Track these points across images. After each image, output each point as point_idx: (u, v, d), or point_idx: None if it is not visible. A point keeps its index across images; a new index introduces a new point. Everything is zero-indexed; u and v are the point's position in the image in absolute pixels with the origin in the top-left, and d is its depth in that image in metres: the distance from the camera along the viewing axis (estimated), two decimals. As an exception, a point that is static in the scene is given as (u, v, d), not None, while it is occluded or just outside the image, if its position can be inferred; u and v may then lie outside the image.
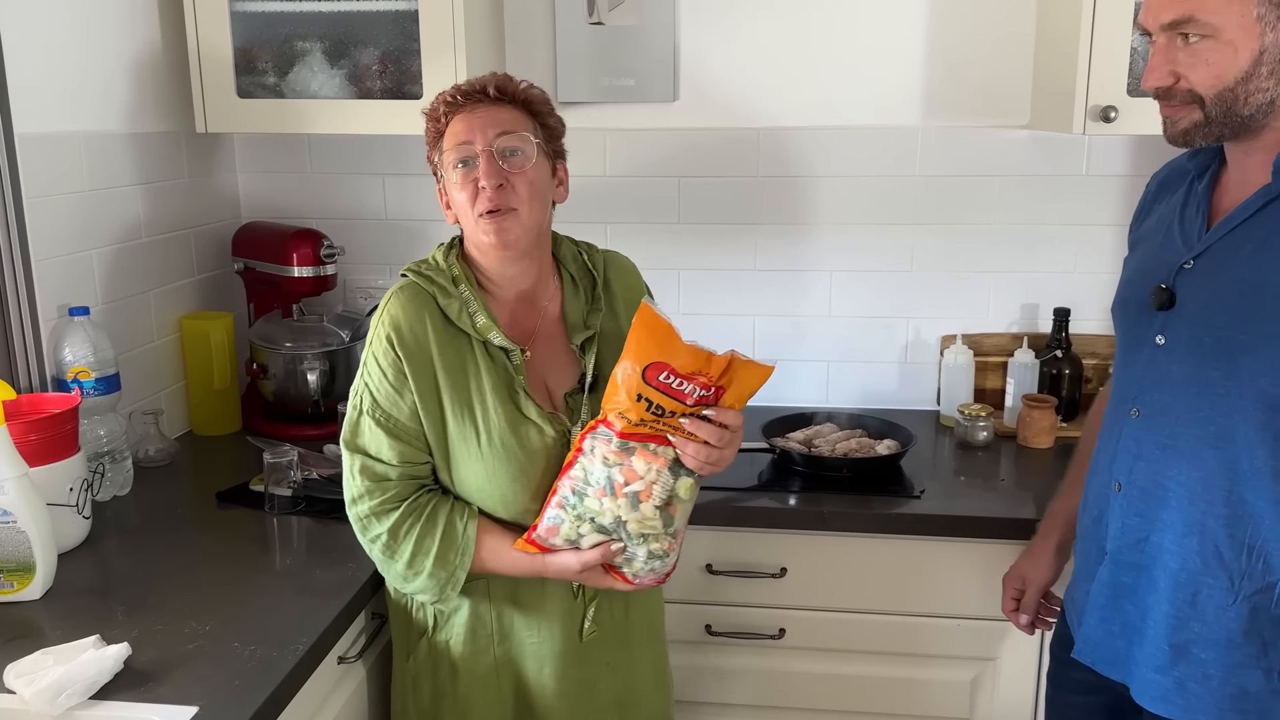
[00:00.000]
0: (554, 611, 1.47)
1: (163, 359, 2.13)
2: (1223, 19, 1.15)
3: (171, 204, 2.15)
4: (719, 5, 2.22)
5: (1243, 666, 1.23)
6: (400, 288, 1.45)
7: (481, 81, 1.43)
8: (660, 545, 1.37)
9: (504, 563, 1.41)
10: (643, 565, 1.38)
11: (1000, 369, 2.28)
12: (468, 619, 1.47)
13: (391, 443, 1.40)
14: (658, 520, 1.34)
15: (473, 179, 1.39)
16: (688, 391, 1.30)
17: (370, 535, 1.42)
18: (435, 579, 1.40)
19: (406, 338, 1.40)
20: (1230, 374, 1.20)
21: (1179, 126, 1.24)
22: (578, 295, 1.52)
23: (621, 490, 1.32)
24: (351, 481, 1.42)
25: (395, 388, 1.40)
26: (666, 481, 1.33)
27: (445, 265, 1.46)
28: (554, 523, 1.36)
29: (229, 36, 2.01)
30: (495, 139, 1.39)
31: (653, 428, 1.31)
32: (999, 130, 2.21)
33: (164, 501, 1.84)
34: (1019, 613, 1.63)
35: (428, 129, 1.46)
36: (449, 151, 1.41)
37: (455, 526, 1.40)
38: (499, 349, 1.43)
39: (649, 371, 1.30)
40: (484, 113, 1.41)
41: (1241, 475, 1.21)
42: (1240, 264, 1.21)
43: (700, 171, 2.30)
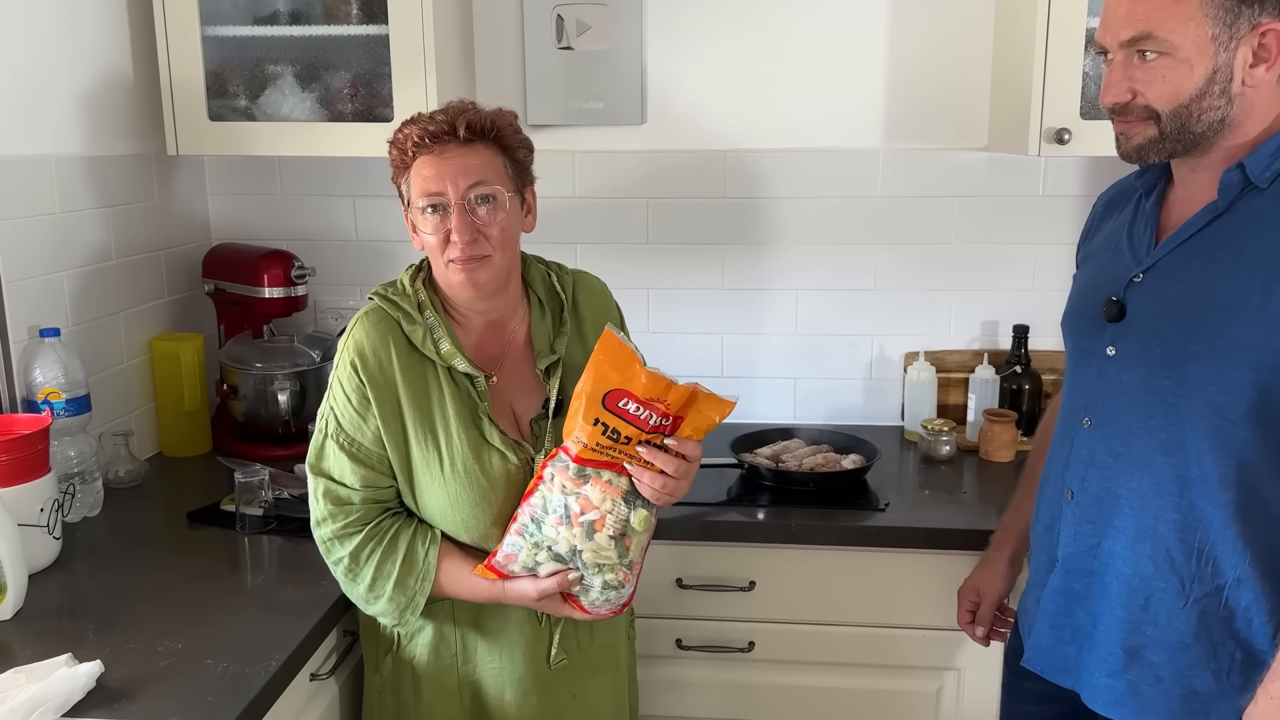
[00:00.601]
0: (516, 637, 1.48)
1: (133, 380, 2.14)
2: (1179, 37, 1.19)
3: (142, 226, 2.15)
4: (685, 31, 2.27)
5: (1193, 668, 1.27)
6: (366, 312, 1.46)
7: (450, 119, 1.39)
8: (615, 576, 1.38)
9: (464, 589, 1.43)
10: (598, 595, 1.39)
11: (962, 385, 2.33)
12: (431, 638, 1.48)
13: (354, 467, 1.41)
14: (612, 551, 1.36)
15: (445, 229, 1.39)
16: (644, 417, 1.31)
17: (333, 558, 1.44)
18: (395, 603, 1.42)
19: (370, 363, 1.41)
20: (1180, 383, 1.24)
21: (1134, 142, 1.28)
22: (545, 319, 1.52)
23: (577, 519, 1.33)
24: (315, 504, 1.44)
25: (359, 412, 1.41)
26: (621, 513, 1.33)
27: (412, 290, 1.46)
28: (512, 550, 1.38)
29: (200, 60, 2.03)
30: (468, 191, 1.38)
31: (609, 454, 1.32)
32: (958, 152, 2.27)
33: (134, 522, 1.84)
34: (974, 625, 1.66)
35: (393, 156, 1.44)
36: (417, 195, 1.40)
37: (416, 552, 1.41)
38: (464, 375, 1.44)
39: (609, 398, 1.31)
40: (454, 158, 1.38)
41: (1191, 481, 1.25)
42: (1189, 277, 1.26)
43: (668, 193, 2.34)
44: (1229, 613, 1.25)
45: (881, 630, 1.89)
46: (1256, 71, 1.20)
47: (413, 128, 1.40)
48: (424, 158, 1.39)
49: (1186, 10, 1.19)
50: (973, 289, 2.33)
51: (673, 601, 1.91)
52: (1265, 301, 1.18)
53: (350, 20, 2.05)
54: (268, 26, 2.08)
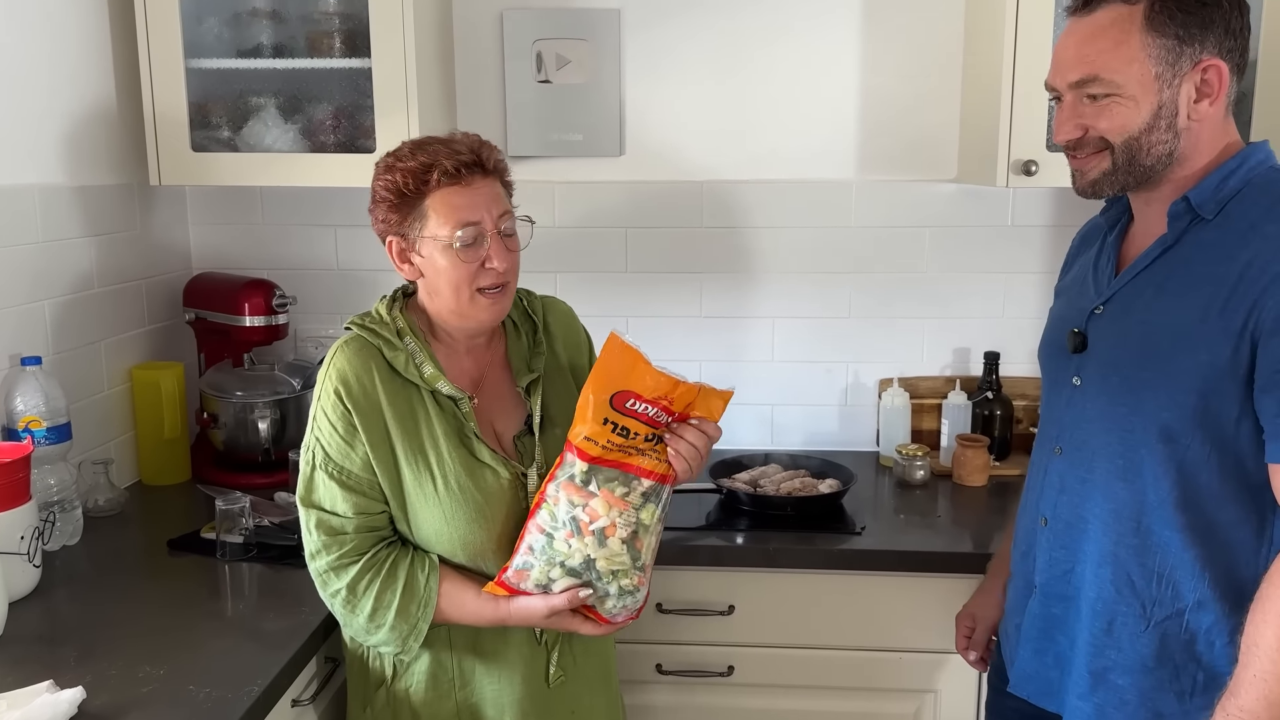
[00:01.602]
0: (515, 658, 1.48)
1: (113, 408, 2.14)
2: (1124, 77, 1.25)
3: (123, 255, 2.16)
4: (663, 65, 2.32)
5: (1157, 690, 1.30)
6: (345, 342, 1.46)
7: (472, 150, 1.41)
8: (630, 581, 1.40)
9: (467, 613, 1.43)
10: (615, 603, 1.41)
11: (935, 410, 2.37)
12: (429, 666, 1.47)
13: (345, 495, 1.41)
14: (625, 555, 1.38)
15: (478, 258, 1.40)
16: (653, 415, 1.36)
17: (330, 591, 1.42)
18: (397, 631, 1.41)
19: (354, 390, 1.42)
20: (1135, 410, 1.28)
21: (1089, 177, 1.33)
22: (520, 340, 1.56)
23: (588, 529, 1.36)
24: (309, 537, 1.43)
25: (346, 440, 1.42)
26: (630, 515, 1.37)
27: (389, 318, 1.47)
28: (524, 568, 1.39)
29: (184, 92, 2.05)
30: (500, 219, 1.42)
31: (619, 453, 1.36)
32: (929, 184, 2.33)
33: (114, 550, 1.84)
34: (969, 650, 1.68)
35: (395, 185, 1.39)
36: (449, 225, 1.38)
37: (416, 579, 1.41)
38: (447, 397, 1.45)
39: (616, 398, 1.36)
40: (483, 188, 1.41)
41: (1149, 506, 1.28)
42: (1142, 307, 1.30)
43: (646, 222, 2.37)
44: (1190, 635, 1.28)
45: (859, 653, 1.92)
46: (1200, 106, 1.25)
47: (434, 157, 1.38)
48: (452, 188, 1.39)
49: (1129, 52, 1.24)
50: (944, 317, 2.38)
51: (652, 626, 1.93)
52: (1207, 328, 1.22)
53: (333, 53, 2.09)
54: (251, 59, 2.11)
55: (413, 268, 1.45)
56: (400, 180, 1.39)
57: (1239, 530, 1.25)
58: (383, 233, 1.46)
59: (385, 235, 1.45)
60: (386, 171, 1.42)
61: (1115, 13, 1.25)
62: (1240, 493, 1.24)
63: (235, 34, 2.13)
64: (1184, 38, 1.23)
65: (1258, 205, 1.24)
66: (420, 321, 1.49)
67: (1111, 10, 1.25)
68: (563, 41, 2.30)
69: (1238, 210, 1.25)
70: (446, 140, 1.43)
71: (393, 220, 1.43)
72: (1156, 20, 1.23)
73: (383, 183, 1.42)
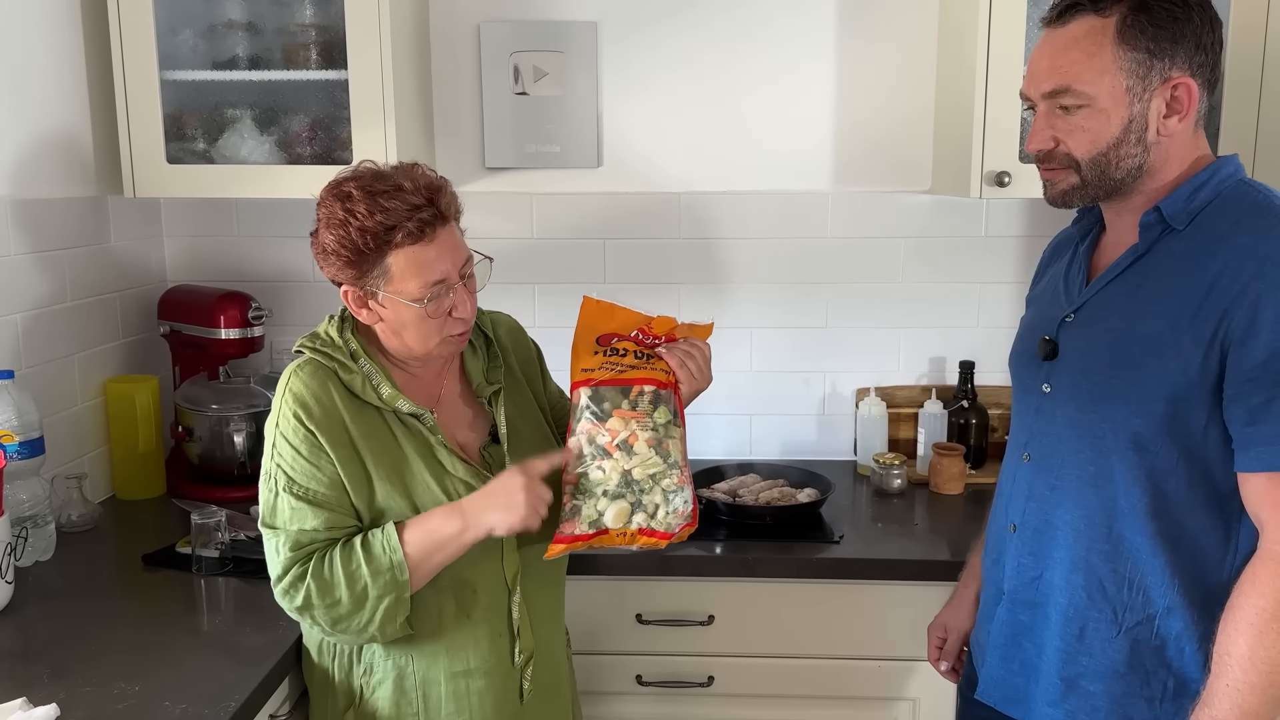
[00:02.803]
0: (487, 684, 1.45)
1: (86, 423, 2.12)
2: (1096, 89, 1.27)
3: (97, 268, 2.15)
4: (639, 77, 2.33)
5: (1127, 697, 1.31)
6: (299, 365, 1.43)
7: (429, 200, 1.36)
8: (672, 480, 1.42)
9: (427, 525, 1.37)
10: (665, 511, 1.42)
11: (912, 419, 2.38)
12: (391, 693, 1.45)
13: (315, 511, 1.37)
14: (656, 457, 1.41)
15: (446, 309, 1.39)
16: (638, 337, 1.48)
17: (300, 598, 1.36)
18: (380, 580, 1.34)
19: (315, 411, 1.39)
20: (1106, 417, 1.30)
21: (1058, 188, 1.35)
22: (476, 355, 1.56)
23: (613, 447, 1.40)
24: (276, 558, 1.38)
25: (311, 461, 1.38)
26: (645, 421, 1.42)
27: (341, 341, 1.44)
28: (573, 515, 1.41)
29: (158, 104, 2.04)
30: (462, 268, 1.41)
31: (616, 370, 1.44)
32: (903, 195, 2.35)
33: (88, 566, 1.82)
34: (941, 660, 1.69)
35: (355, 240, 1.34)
36: (415, 284, 1.35)
37: (371, 536, 1.37)
38: (409, 414, 1.44)
39: (600, 340, 1.48)
40: (445, 240, 1.38)
41: (1120, 512, 1.30)
42: (1113, 315, 1.32)
43: (624, 234, 2.38)
44: (1160, 641, 1.29)
45: (838, 661, 1.92)
46: (1170, 122, 1.28)
47: (394, 218, 1.33)
48: (413, 247, 1.35)
49: (1102, 64, 1.26)
50: (920, 326, 2.40)
51: (632, 637, 1.93)
52: (1177, 336, 1.24)
53: (309, 65, 2.08)
54: (226, 71, 2.10)
55: (371, 313, 1.42)
56: (358, 239, 1.34)
57: (1206, 537, 1.27)
58: (333, 279, 1.41)
59: (337, 280, 1.41)
60: (340, 227, 1.35)
61: (1089, 25, 1.27)
62: (1208, 500, 1.26)
63: (210, 46, 2.12)
64: (1155, 51, 1.25)
65: (1227, 217, 1.26)
66: (372, 341, 1.47)
67: (1085, 22, 1.27)
68: (540, 54, 2.30)
69: (1208, 222, 1.27)
70: (398, 186, 1.35)
71: (350, 273, 1.38)
72: (1129, 34, 1.25)
73: (335, 237, 1.36)
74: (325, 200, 1.39)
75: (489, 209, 2.36)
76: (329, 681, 1.48)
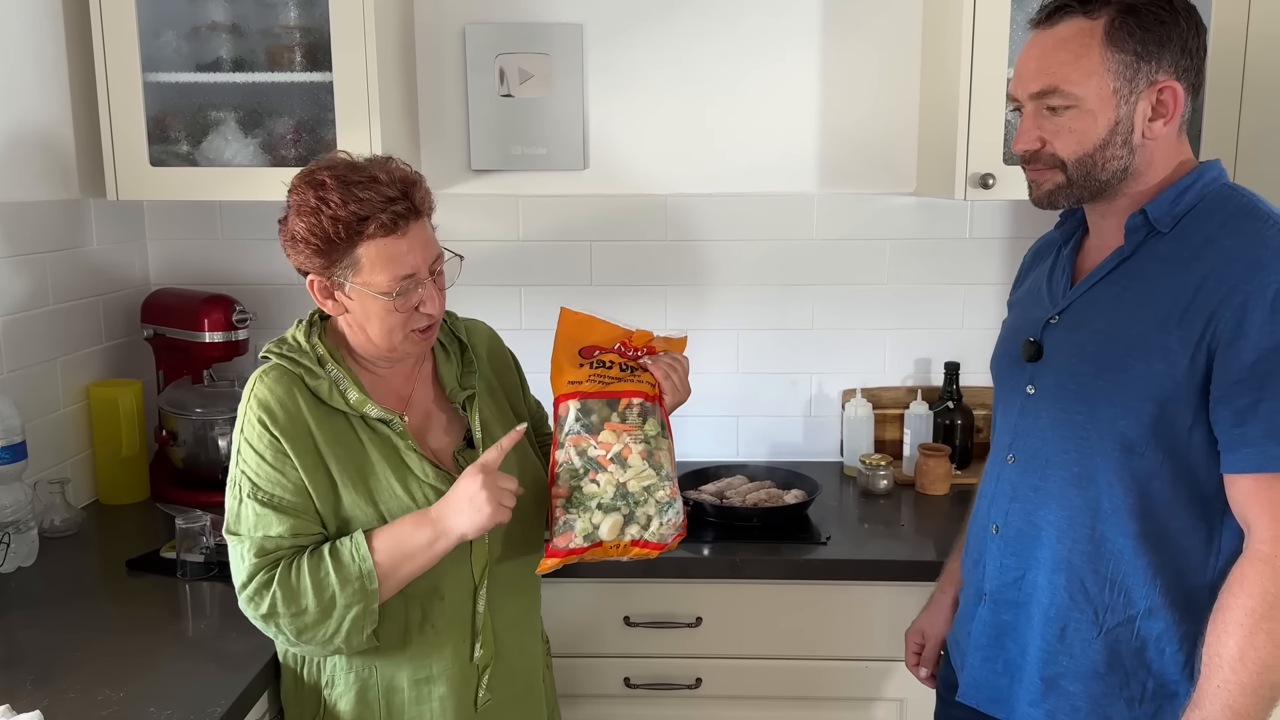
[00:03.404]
0: (443, 682, 1.44)
1: (69, 427, 2.10)
2: (1084, 90, 1.28)
3: (79, 271, 2.13)
4: (625, 80, 2.33)
5: (1107, 697, 1.32)
6: (264, 371, 1.41)
7: (404, 193, 1.35)
8: (665, 493, 1.43)
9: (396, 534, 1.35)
10: (659, 522, 1.43)
11: (898, 420, 2.39)
12: (354, 705, 1.43)
13: (280, 518, 1.35)
14: (649, 468, 1.42)
15: (414, 304, 1.39)
16: (620, 350, 1.49)
17: (266, 605, 1.33)
18: (348, 590, 1.33)
19: (280, 417, 1.37)
20: (1091, 418, 1.31)
21: (1044, 189, 1.35)
22: (449, 360, 1.54)
23: (606, 461, 1.41)
24: (241, 564, 1.35)
25: (276, 468, 1.36)
26: (637, 434, 1.42)
27: (308, 346, 1.42)
28: (566, 529, 1.41)
29: (141, 106, 2.03)
30: (433, 264, 1.40)
31: (602, 383, 1.44)
32: (889, 196, 2.36)
33: (71, 571, 1.80)
34: (920, 666, 1.69)
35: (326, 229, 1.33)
36: (385, 277, 1.34)
37: (339, 544, 1.35)
38: (377, 419, 1.42)
39: (582, 352, 1.48)
40: (417, 235, 1.37)
41: (1103, 513, 1.30)
42: (1098, 317, 1.33)
43: (611, 236, 2.38)
44: (1141, 643, 1.30)
45: (825, 662, 1.93)
46: (1155, 125, 1.29)
47: (368, 208, 1.32)
48: (384, 239, 1.34)
49: (1089, 65, 1.27)
50: (905, 328, 2.41)
51: (620, 640, 1.92)
52: (1164, 338, 1.25)
53: (294, 67, 2.07)
54: (210, 73, 2.09)
55: (337, 304, 1.40)
56: (330, 228, 1.33)
57: (1189, 538, 1.27)
58: (300, 268, 1.40)
59: (304, 270, 1.40)
60: (312, 214, 1.34)
61: (1077, 26, 1.28)
62: (1191, 501, 1.27)
63: (194, 48, 2.11)
64: (1142, 54, 1.26)
65: (1212, 220, 1.27)
66: (340, 345, 1.46)
67: (1073, 24, 1.28)
68: (525, 56, 2.30)
69: (1193, 225, 1.28)
70: (373, 178, 1.35)
71: (318, 262, 1.37)
72: (1116, 36, 1.26)
73: (306, 225, 1.34)
74: (297, 187, 1.38)
75: (475, 211, 2.36)
76: (297, 692, 1.47)
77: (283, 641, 1.40)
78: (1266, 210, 1.26)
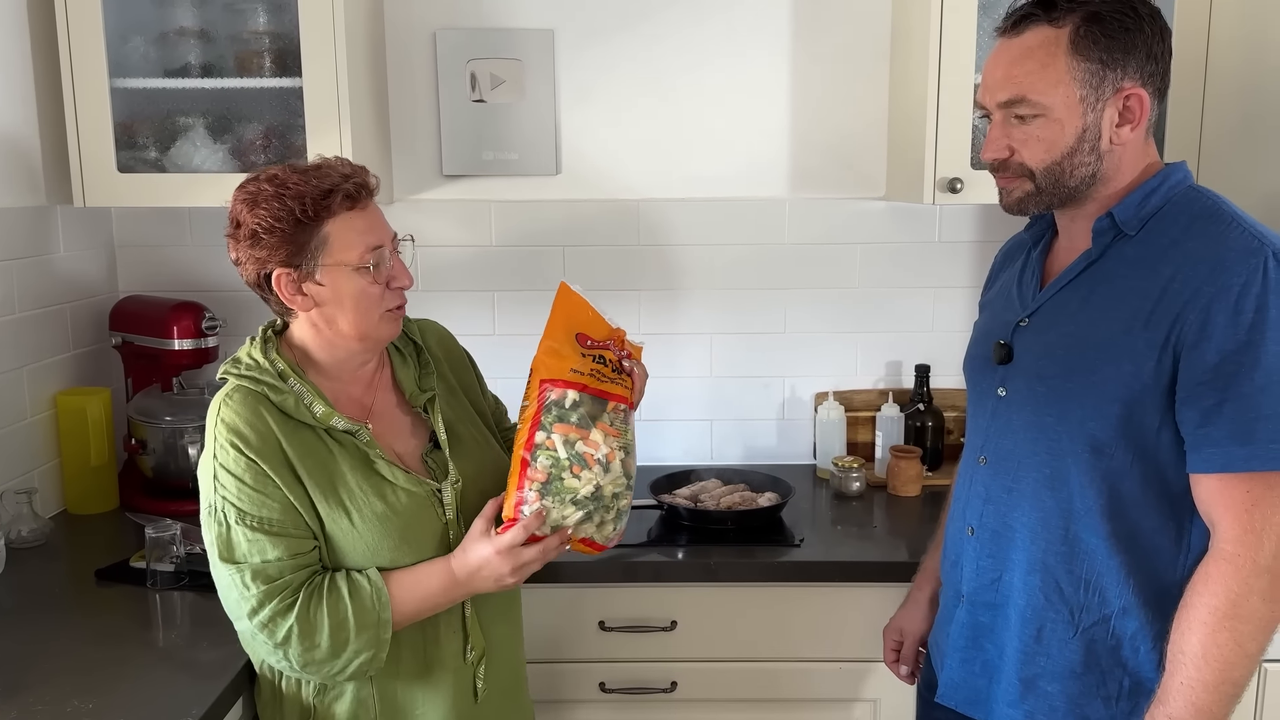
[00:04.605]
0: (439, 679, 1.45)
1: (36, 436, 2.08)
2: (1050, 99, 1.29)
3: (45, 279, 2.11)
4: (597, 86, 2.34)
5: (1084, 696, 1.34)
6: (227, 394, 1.39)
7: (358, 176, 1.39)
8: (626, 502, 1.45)
9: (421, 591, 1.39)
10: (613, 528, 1.44)
11: (869, 423, 2.41)
12: (350, 705, 1.43)
13: (274, 541, 1.34)
14: (623, 475, 1.43)
15: (386, 278, 1.41)
16: (612, 347, 1.50)
17: (279, 636, 1.32)
18: (365, 635, 1.34)
19: (252, 440, 1.35)
20: (1061, 419, 1.32)
21: (1013, 196, 1.37)
22: (407, 364, 1.54)
23: (593, 460, 1.40)
24: (245, 592, 1.33)
25: (258, 490, 1.35)
26: (620, 440, 1.43)
27: (268, 362, 1.40)
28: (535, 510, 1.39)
29: (109, 112, 2.00)
30: (395, 240, 1.43)
31: (601, 380, 1.44)
32: (859, 201, 2.38)
33: (39, 582, 1.78)
34: (899, 664, 1.70)
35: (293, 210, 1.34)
36: (357, 250, 1.36)
37: (357, 581, 1.37)
38: (344, 431, 1.42)
39: (579, 338, 1.47)
40: (374, 210, 1.42)
41: (1076, 514, 1.32)
42: (1067, 319, 1.35)
43: (584, 241, 2.39)
44: (1116, 641, 1.31)
45: (799, 664, 1.94)
46: (1122, 131, 1.30)
47: (332, 181, 1.35)
48: (348, 214, 1.37)
49: (1055, 75, 1.28)
50: (876, 331, 2.43)
51: (595, 645, 1.93)
52: (1131, 340, 1.26)
53: (263, 73, 2.06)
54: (178, 79, 2.07)
55: (307, 299, 1.39)
56: (296, 207, 1.33)
57: (1159, 537, 1.29)
58: (262, 266, 1.37)
59: (268, 269, 1.37)
60: (272, 199, 1.34)
61: (1042, 35, 1.29)
62: (1160, 501, 1.28)
63: (162, 53, 2.09)
64: (1107, 62, 1.27)
65: (1178, 223, 1.29)
66: (298, 359, 1.45)
67: (1039, 33, 1.29)
68: (496, 61, 2.30)
69: (1159, 227, 1.30)
70: (319, 164, 1.38)
71: (285, 252, 1.36)
72: (1081, 44, 1.27)
73: (269, 211, 1.34)
74: (244, 186, 1.38)
75: (447, 216, 2.36)
76: (275, 703, 1.45)
77: (284, 667, 1.38)
78: (1230, 212, 1.28)
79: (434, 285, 2.37)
